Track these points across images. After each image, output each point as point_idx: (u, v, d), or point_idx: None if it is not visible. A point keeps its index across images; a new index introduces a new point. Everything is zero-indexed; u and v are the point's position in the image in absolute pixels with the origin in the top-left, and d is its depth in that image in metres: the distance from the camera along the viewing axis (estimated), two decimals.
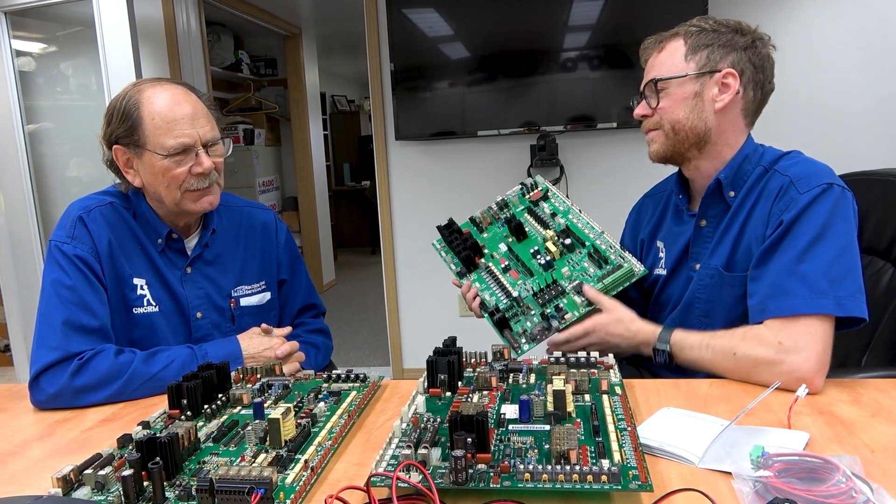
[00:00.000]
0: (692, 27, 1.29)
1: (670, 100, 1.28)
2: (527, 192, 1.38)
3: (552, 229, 1.32)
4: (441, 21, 3.17)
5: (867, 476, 0.78)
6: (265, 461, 0.87)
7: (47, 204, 3.37)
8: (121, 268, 1.34)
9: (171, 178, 1.30)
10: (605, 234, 1.31)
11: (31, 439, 1.09)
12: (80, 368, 1.21)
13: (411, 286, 3.53)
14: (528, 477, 0.78)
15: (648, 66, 1.34)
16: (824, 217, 1.15)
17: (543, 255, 1.29)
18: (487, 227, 1.37)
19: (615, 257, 1.27)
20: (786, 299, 1.12)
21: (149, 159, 1.30)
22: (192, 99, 1.34)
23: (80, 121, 3.40)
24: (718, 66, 1.25)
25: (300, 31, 5.77)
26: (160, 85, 1.33)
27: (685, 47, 1.27)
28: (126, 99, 1.31)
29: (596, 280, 1.26)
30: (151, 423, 1.02)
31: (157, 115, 1.29)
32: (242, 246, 1.50)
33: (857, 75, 2.93)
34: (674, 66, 1.28)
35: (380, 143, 3.40)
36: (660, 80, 1.28)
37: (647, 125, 1.34)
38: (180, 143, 1.29)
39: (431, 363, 1.09)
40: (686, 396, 1.10)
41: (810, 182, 1.18)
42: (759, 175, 1.28)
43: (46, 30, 3.39)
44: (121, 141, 1.31)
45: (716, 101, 1.26)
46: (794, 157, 1.29)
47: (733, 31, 1.27)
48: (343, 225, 8.32)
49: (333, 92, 8.63)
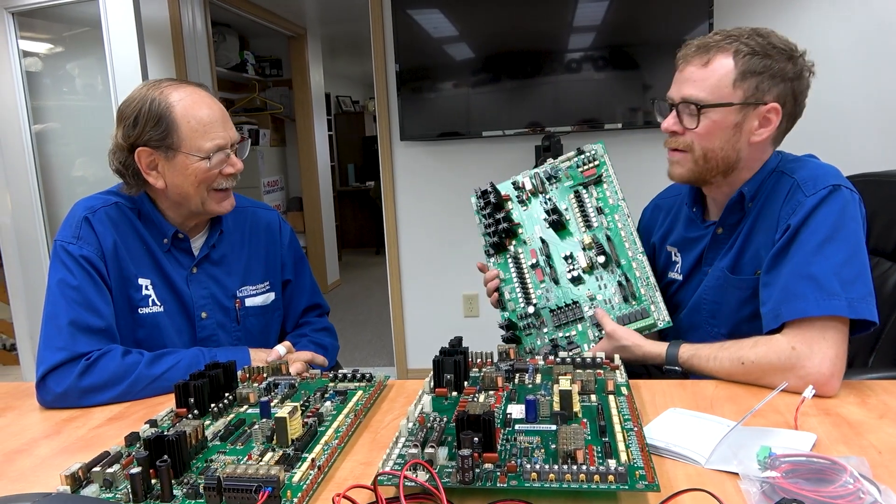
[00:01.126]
0: (743, 45, 1.17)
1: (709, 126, 1.20)
2: (581, 165, 1.29)
3: (593, 231, 1.26)
4: (446, 22, 3.17)
5: (875, 477, 0.78)
6: (272, 460, 0.87)
7: (54, 204, 3.38)
8: (126, 268, 1.35)
9: (203, 179, 1.32)
10: (643, 257, 1.25)
11: (38, 437, 1.09)
12: (87, 369, 1.22)
13: (416, 286, 3.53)
14: (535, 476, 0.78)
15: (688, 75, 1.21)
16: (833, 219, 1.13)
17: (575, 267, 1.24)
18: (528, 199, 1.31)
19: (645, 294, 1.23)
20: (797, 302, 1.10)
21: (182, 161, 1.30)
22: (217, 102, 1.36)
23: (86, 121, 3.41)
24: (765, 98, 1.18)
25: (305, 32, 5.78)
26: (182, 87, 1.33)
27: (735, 70, 1.17)
28: (153, 102, 1.29)
29: (616, 314, 1.24)
30: (159, 421, 1.02)
31: (193, 118, 1.30)
32: (247, 246, 1.50)
33: (860, 77, 2.93)
34: (720, 91, 1.18)
35: (384, 144, 3.40)
36: (704, 107, 1.18)
37: (675, 143, 1.25)
38: (216, 144, 1.31)
39: (438, 363, 1.09)
40: (692, 397, 1.10)
41: (816, 184, 1.17)
42: (774, 181, 1.25)
43: (53, 30, 3.41)
44: (150, 144, 1.30)
45: (753, 133, 1.21)
46: (804, 160, 1.27)
47: (786, 57, 1.19)
48: (348, 225, 8.33)
49: (338, 92, 8.64)
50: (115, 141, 1.34)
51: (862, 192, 1.56)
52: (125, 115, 1.32)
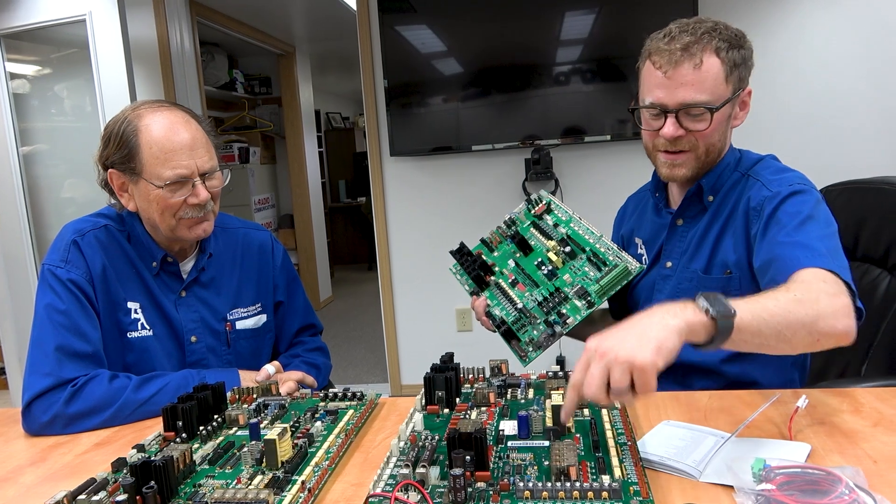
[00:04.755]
0: (722, 42, 1.20)
1: (715, 125, 1.22)
2: (532, 208, 1.40)
3: (554, 239, 1.33)
4: (434, 37, 3.19)
5: (870, 487, 0.77)
6: (262, 483, 0.86)
7: (42, 226, 3.36)
8: (115, 292, 1.33)
9: (165, 207, 1.28)
10: (604, 238, 1.32)
11: (24, 465, 1.07)
12: (74, 395, 1.20)
13: (408, 302, 3.52)
14: (528, 495, 0.77)
15: (681, 79, 1.19)
16: (809, 207, 1.16)
17: (547, 265, 1.31)
18: (497, 246, 1.40)
19: (613, 258, 1.28)
20: (791, 262, 1.07)
21: (144, 187, 1.28)
22: (191, 127, 1.30)
23: (74, 142, 3.40)
24: (743, 84, 1.25)
25: (294, 50, 5.80)
26: (160, 111, 1.29)
27: (723, 67, 1.20)
28: (125, 123, 1.28)
29: (595, 282, 1.26)
30: (146, 446, 1.00)
31: (155, 145, 1.25)
32: (238, 268, 1.48)
33: (857, 80, 2.95)
34: (718, 90, 1.20)
35: (374, 160, 3.40)
36: (716, 109, 1.20)
37: (678, 146, 1.24)
38: (177, 174, 1.26)
39: (429, 380, 1.08)
40: (686, 409, 1.09)
41: (782, 183, 1.21)
42: (736, 180, 1.29)
43: (41, 52, 3.41)
44: (116, 166, 1.29)
45: (736, 118, 1.27)
46: (769, 162, 1.30)
47: (746, 43, 1.25)
48: (339, 242, 8.31)
49: (328, 109, 8.66)
50: (95, 158, 1.34)
51: (849, 199, 1.57)
52: (104, 133, 1.31)
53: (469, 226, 3.34)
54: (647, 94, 1.25)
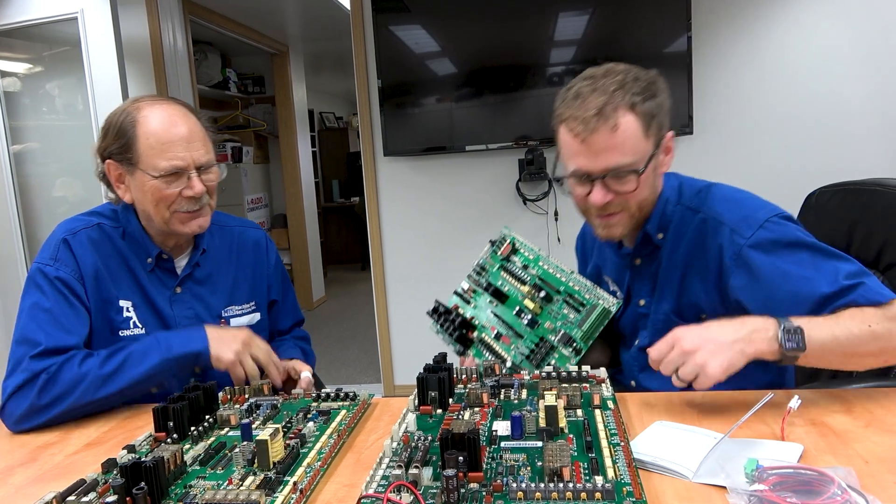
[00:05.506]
0: (633, 96, 1.14)
1: (643, 183, 1.18)
2: (497, 249, 1.38)
3: (527, 284, 1.32)
4: (428, 37, 3.18)
5: (862, 487, 0.77)
6: (253, 484, 0.86)
7: (33, 225, 3.34)
8: (106, 290, 1.32)
9: (160, 199, 1.28)
10: (575, 274, 1.30)
11: (13, 465, 1.07)
12: (46, 383, 1.18)
13: (402, 302, 3.51)
14: (521, 495, 0.76)
15: (601, 145, 1.14)
16: (790, 240, 1.14)
17: (526, 313, 1.30)
18: (473, 297, 1.38)
19: (589, 296, 1.27)
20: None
21: (140, 178, 1.28)
22: (189, 121, 1.31)
23: (66, 141, 3.38)
24: (663, 132, 1.19)
25: (287, 49, 5.79)
26: (159, 104, 1.31)
27: (638, 121, 1.14)
28: (124, 115, 1.29)
29: (577, 326, 1.26)
30: (137, 446, 1.00)
31: (152, 136, 1.26)
32: (234, 266, 1.48)
33: (853, 81, 2.96)
34: (639, 148, 1.15)
35: (368, 159, 3.40)
36: (642, 171, 1.15)
37: (609, 210, 1.20)
38: (173, 165, 1.27)
39: (422, 380, 1.08)
40: (679, 410, 1.09)
41: (749, 224, 1.16)
42: (683, 215, 1.25)
43: (32, 50, 3.38)
44: (114, 157, 1.30)
45: (662, 165, 1.22)
46: (717, 193, 1.25)
47: (657, 86, 1.18)
48: (332, 241, 8.30)
49: (321, 109, 8.64)
50: (94, 150, 1.34)
51: (843, 201, 1.58)
52: (103, 124, 1.33)
53: (463, 226, 3.34)
54: (568, 162, 1.19)
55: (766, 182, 3.06)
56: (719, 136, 3.08)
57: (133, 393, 1.24)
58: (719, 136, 3.08)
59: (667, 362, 1.03)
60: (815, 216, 1.63)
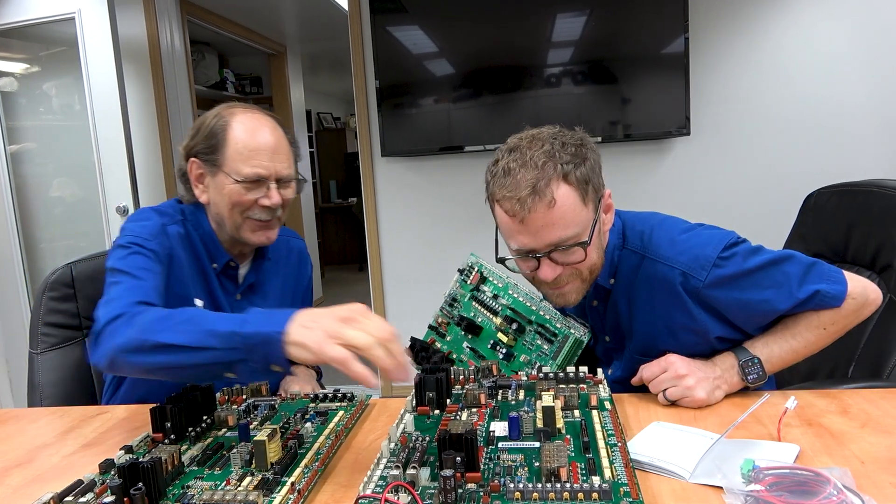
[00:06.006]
0: (564, 165, 1.10)
1: (592, 250, 1.15)
2: (467, 278, 1.36)
3: (499, 315, 1.31)
4: (425, 38, 3.18)
5: (858, 488, 0.77)
6: (251, 484, 0.86)
7: (29, 225, 3.33)
8: (183, 287, 1.31)
9: (236, 203, 1.30)
10: (544, 303, 1.30)
11: (10, 466, 1.06)
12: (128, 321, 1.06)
13: (399, 303, 3.51)
14: (519, 496, 0.77)
15: (542, 222, 1.09)
16: (748, 268, 1.15)
17: (501, 347, 1.30)
18: (448, 330, 1.36)
19: (561, 325, 1.27)
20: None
21: (221, 180, 1.30)
22: (277, 133, 1.34)
23: (63, 141, 3.37)
24: (600, 192, 1.16)
25: (285, 50, 5.78)
26: (251, 112, 1.35)
27: (575, 192, 1.10)
28: (216, 118, 1.32)
29: (551, 358, 1.27)
30: (134, 447, 1.00)
31: (240, 141, 1.29)
32: (281, 275, 1.50)
33: (852, 82, 2.96)
34: (581, 218, 1.11)
35: (366, 160, 3.40)
36: (588, 243, 1.12)
37: (561, 282, 1.17)
38: (255, 172, 1.29)
39: (420, 381, 1.08)
40: (676, 410, 1.09)
41: (702, 264, 1.15)
42: (626, 258, 1.24)
43: (29, 50, 3.37)
44: (199, 156, 1.32)
45: (605, 224, 1.20)
46: (659, 235, 1.22)
47: (586, 147, 1.16)
48: (330, 242, 8.29)
49: (319, 109, 8.63)
50: (180, 148, 1.37)
51: (839, 202, 1.58)
52: (194, 124, 1.35)
53: (460, 227, 3.34)
54: (510, 240, 1.16)
55: (763, 183, 3.08)
56: (717, 137, 3.09)
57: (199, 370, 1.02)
58: (717, 137, 3.09)
59: (658, 382, 1.14)
60: (814, 217, 1.64)
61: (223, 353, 0.96)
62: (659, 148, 3.12)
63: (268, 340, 0.93)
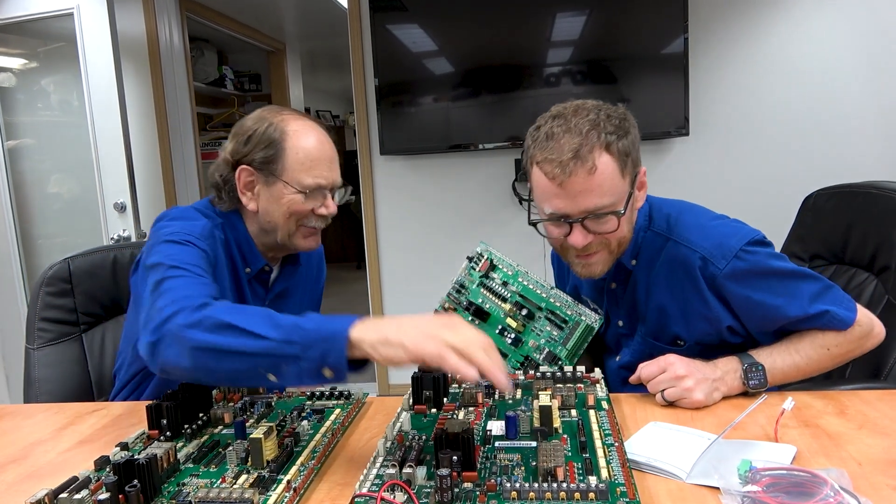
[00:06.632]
0: (608, 135, 1.12)
1: (625, 222, 1.17)
2: (476, 265, 1.37)
3: (508, 301, 1.31)
4: (425, 37, 3.18)
5: (855, 489, 0.77)
6: (246, 482, 0.85)
7: (27, 221, 3.32)
8: (222, 290, 1.29)
9: (293, 212, 1.29)
10: (555, 290, 1.30)
11: (5, 462, 1.06)
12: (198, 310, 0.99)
13: (397, 301, 3.51)
14: (515, 495, 0.76)
15: (579, 187, 1.11)
16: (768, 268, 1.17)
17: (509, 332, 1.30)
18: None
19: (571, 313, 1.27)
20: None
21: (279, 189, 1.28)
22: (331, 142, 1.35)
23: (61, 137, 3.36)
24: (637, 167, 1.18)
25: (284, 47, 5.77)
26: (304, 120, 1.33)
27: (615, 162, 1.12)
28: (268, 126, 1.29)
29: (561, 344, 1.26)
30: (130, 444, 1.00)
31: (303, 151, 1.28)
32: (302, 281, 1.50)
33: (853, 82, 2.97)
34: (617, 188, 1.13)
35: (364, 158, 3.39)
36: (622, 213, 1.14)
37: (590, 250, 1.18)
38: (317, 183, 1.29)
39: (417, 380, 1.08)
40: (673, 410, 1.09)
41: (724, 253, 1.17)
42: (653, 241, 1.25)
43: (27, 45, 3.36)
44: (254, 164, 1.29)
45: (637, 201, 1.21)
46: (686, 220, 1.24)
47: (629, 122, 1.17)
48: (328, 240, 8.20)
49: (318, 107, 8.62)
50: (223, 155, 1.33)
51: (838, 203, 1.58)
52: (241, 131, 1.31)
53: (459, 226, 3.34)
54: (544, 204, 1.17)
55: (762, 183, 3.08)
56: (716, 138, 3.09)
57: (248, 361, 0.93)
58: (716, 137, 3.09)
59: (656, 382, 1.12)
60: (812, 218, 1.64)
61: (279, 345, 0.91)
62: (658, 148, 3.12)
63: (330, 337, 0.92)
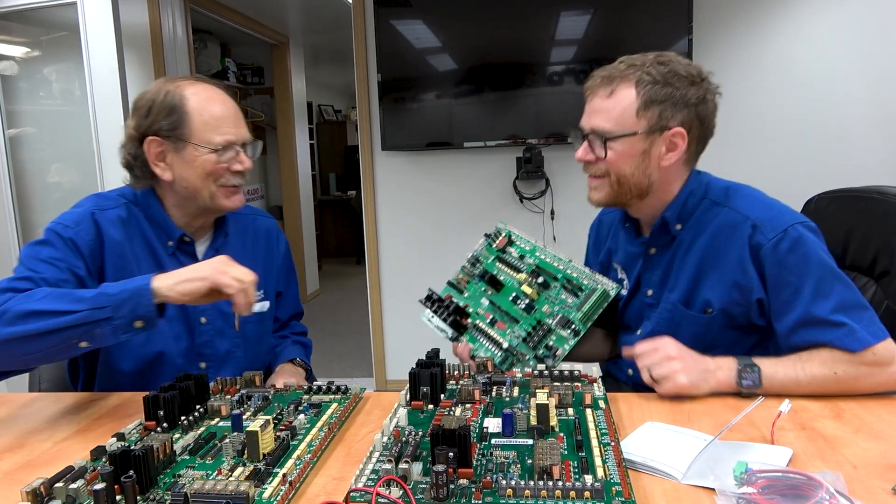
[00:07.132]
0: (645, 75, 1.19)
1: (617, 154, 1.21)
2: (493, 242, 1.38)
3: (524, 272, 1.32)
4: (429, 33, 3.18)
5: (850, 493, 0.77)
6: (242, 475, 0.85)
7: (27, 210, 3.32)
8: (130, 271, 1.30)
9: (210, 172, 1.30)
10: (573, 262, 1.31)
11: (1, 451, 1.06)
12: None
13: (396, 297, 3.51)
14: (511, 493, 0.76)
15: (595, 106, 1.23)
16: (812, 261, 1.16)
17: (522, 299, 1.31)
18: (466, 287, 1.38)
19: (588, 282, 1.28)
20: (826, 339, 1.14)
21: (191, 153, 1.29)
22: (231, 100, 1.36)
23: (63, 126, 3.36)
24: (669, 123, 1.20)
25: (287, 40, 5.76)
26: (200, 83, 1.34)
27: (638, 100, 1.18)
28: (167, 94, 1.30)
29: (576, 309, 1.26)
30: (126, 434, 1.00)
31: (206, 111, 1.30)
32: (249, 253, 1.48)
33: (855, 86, 2.96)
34: (624, 121, 1.19)
35: (366, 153, 3.39)
36: (610, 138, 1.20)
37: (592, 171, 1.27)
38: (226, 139, 1.30)
39: (414, 375, 1.08)
40: (670, 411, 1.09)
41: (775, 226, 1.18)
42: (705, 208, 1.27)
43: (30, 34, 3.36)
44: (161, 133, 1.30)
45: (662, 158, 1.22)
46: (745, 192, 1.28)
47: (688, 83, 1.20)
48: (328, 235, 8.28)
49: (320, 101, 8.62)
50: (127, 132, 1.34)
51: (839, 207, 1.58)
52: (139, 105, 1.32)
53: (459, 223, 3.34)
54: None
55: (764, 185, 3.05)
56: (718, 139, 3.05)
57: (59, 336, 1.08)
58: (717, 139, 3.06)
59: (646, 356, 1.16)
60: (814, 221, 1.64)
61: (88, 313, 1.07)
62: None
63: (136, 293, 1.09)
